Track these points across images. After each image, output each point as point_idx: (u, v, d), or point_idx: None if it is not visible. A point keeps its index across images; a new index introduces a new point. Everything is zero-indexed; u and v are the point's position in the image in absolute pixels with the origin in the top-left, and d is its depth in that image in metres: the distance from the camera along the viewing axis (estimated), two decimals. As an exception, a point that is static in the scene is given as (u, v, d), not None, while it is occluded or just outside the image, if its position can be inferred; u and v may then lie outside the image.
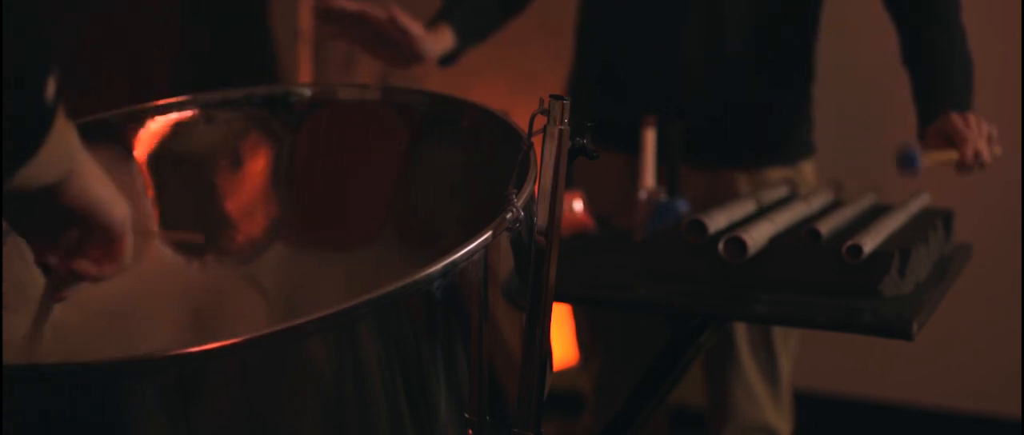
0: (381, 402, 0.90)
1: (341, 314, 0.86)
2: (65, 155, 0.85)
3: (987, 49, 1.85)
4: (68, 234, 0.94)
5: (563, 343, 2.37)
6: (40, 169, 0.83)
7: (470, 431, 0.95)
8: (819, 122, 1.96)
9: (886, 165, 1.67)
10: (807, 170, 1.95)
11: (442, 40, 1.76)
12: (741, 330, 1.90)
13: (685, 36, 1.84)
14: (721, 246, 1.41)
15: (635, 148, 1.76)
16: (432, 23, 1.78)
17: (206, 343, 0.82)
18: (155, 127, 1.23)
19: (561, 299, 1.41)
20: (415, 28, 1.68)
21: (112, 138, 1.21)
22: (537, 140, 0.97)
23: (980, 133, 1.63)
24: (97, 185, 0.90)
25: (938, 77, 1.72)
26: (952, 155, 1.63)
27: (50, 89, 0.79)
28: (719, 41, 1.84)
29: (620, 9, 1.91)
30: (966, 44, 1.75)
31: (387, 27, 1.67)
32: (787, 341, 1.95)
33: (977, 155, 1.62)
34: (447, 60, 1.80)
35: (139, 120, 1.22)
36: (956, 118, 1.63)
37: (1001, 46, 2.56)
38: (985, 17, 2.46)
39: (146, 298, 1.18)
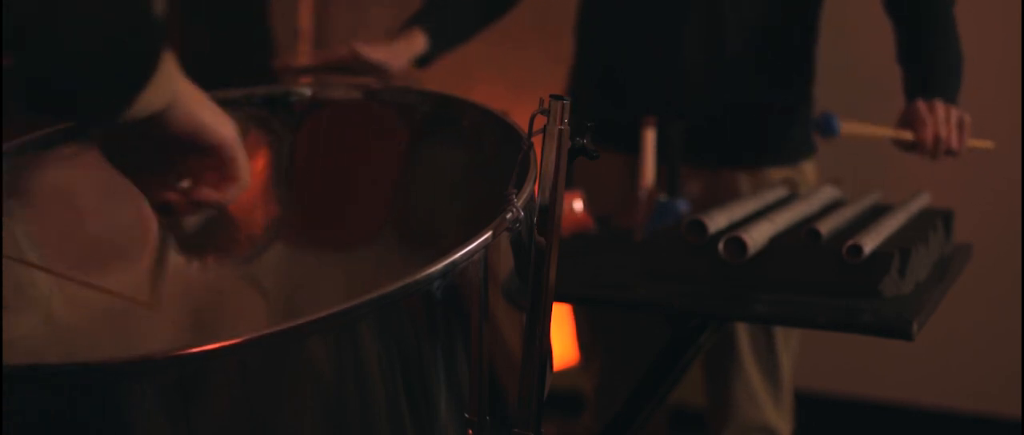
0: (381, 402, 0.90)
1: (341, 314, 0.86)
2: (169, 78, 0.83)
3: (987, 49, 1.85)
4: (184, 163, 0.92)
5: (563, 343, 2.37)
6: (152, 95, 0.81)
7: (470, 431, 0.95)
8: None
9: (887, 165, 1.68)
10: (808, 170, 1.95)
11: (414, 45, 1.77)
12: (742, 330, 1.90)
13: (685, 36, 1.84)
14: (721, 246, 1.41)
15: (635, 148, 1.76)
16: (406, 25, 1.79)
17: (206, 343, 0.82)
18: (155, 127, 1.22)
19: (561, 299, 1.41)
20: (378, 55, 1.69)
21: (112, 138, 1.21)
22: (537, 140, 0.97)
23: (947, 119, 1.64)
24: (201, 106, 0.89)
25: (926, 73, 1.73)
26: (888, 132, 1.65)
27: (158, 5, 0.77)
28: (719, 41, 1.84)
29: (620, 10, 1.91)
30: (958, 43, 1.76)
31: (353, 64, 1.69)
32: (788, 341, 1.95)
33: (937, 140, 1.63)
34: (422, 62, 1.80)
35: (139, 120, 1.22)
36: (920, 104, 1.65)
37: (1001, 46, 2.56)
38: (985, 17, 2.46)
39: (146, 298, 1.18)
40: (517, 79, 2.85)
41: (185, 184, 0.94)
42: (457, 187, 1.20)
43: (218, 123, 0.91)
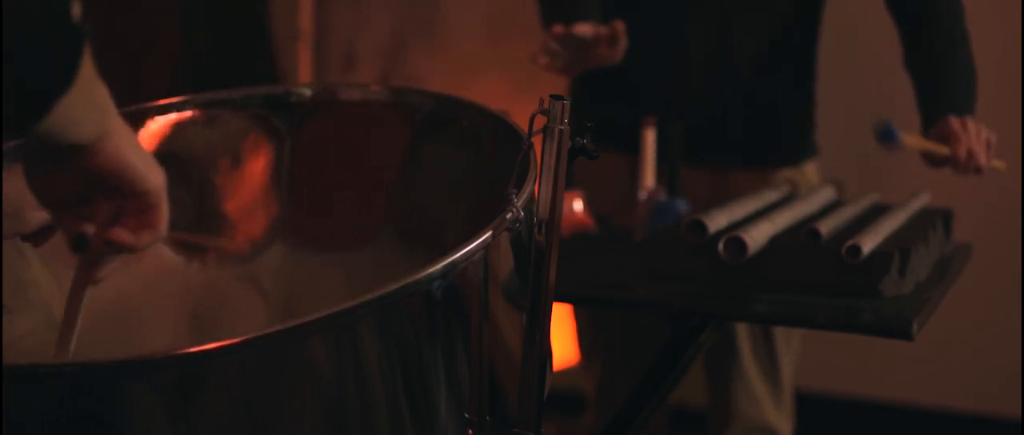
0: (381, 402, 0.90)
1: (341, 314, 0.86)
2: (99, 112, 0.81)
3: (987, 49, 1.85)
4: (102, 202, 0.89)
5: (563, 343, 2.37)
6: (74, 124, 0.79)
7: (470, 431, 0.95)
8: (820, 122, 1.96)
9: (887, 165, 1.68)
10: (811, 171, 1.95)
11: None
12: (743, 331, 1.90)
13: (689, 37, 1.84)
14: (721, 246, 1.41)
15: (635, 148, 1.76)
16: (571, 17, 1.72)
17: (206, 343, 0.82)
18: (155, 127, 1.23)
19: (561, 299, 1.41)
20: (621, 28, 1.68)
21: (112, 138, 1.21)
22: (537, 140, 0.97)
23: (978, 138, 1.65)
24: (131, 149, 0.86)
25: (938, 83, 1.74)
26: (936, 147, 1.65)
27: (76, 9, 0.74)
28: (722, 42, 1.84)
29: (624, 10, 1.91)
30: (968, 50, 1.76)
31: (602, 41, 1.67)
32: (789, 342, 1.94)
33: (970, 155, 1.64)
34: None
35: (139, 120, 1.22)
36: (954, 121, 1.66)
37: (1001, 46, 2.56)
38: (985, 17, 2.46)
39: (146, 298, 1.18)
40: (517, 79, 2.85)
41: (101, 220, 0.90)
42: (457, 187, 1.20)
43: (148, 170, 0.88)
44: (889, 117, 1.65)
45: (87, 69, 0.78)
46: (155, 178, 0.88)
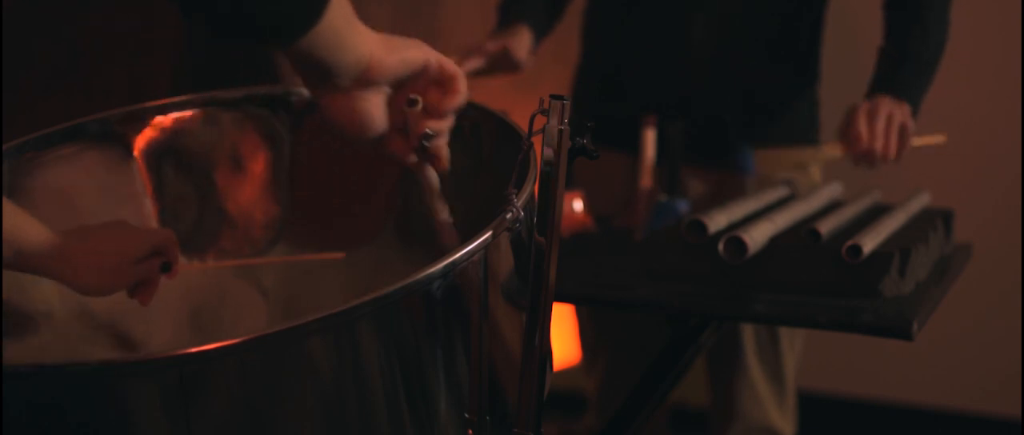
0: (381, 402, 0.90)
1: (341, 314, 0.86)
2: (360, 35, 0.94)
3: (987, 49, 1.85)
4: (408, 96, 1.00)
5: (563, 343, 2.37)
6: (351, 55, 0.93)
7: (470, 431, 0.95)
8: (821, 122, 1.96)
9: (887, 165, 1.68)
10: (813, 171, 1.94)
11: (523, 41, 1.87)
12: (747, 332, 1.90)
13: (690, 37, 1.84)
14: (721, 246, 1.41)
15: (635, 148, 1.76)
16: (505, 24, 1.87)
17: (206, 343, 0.82)
18: (155, 127, 1.23)
19: (561, 299, 1.41)
20: (520, 54, 1.85)
21: (112, 138, 1.21)
22: (537, 140, 0.97)
23: (887, 129, 1.65)
24: (390, 49, 0.97)
25: (896, 68, 1.73)
26: (827, 151, 1.70)
27: None
28: (724, 42, 1.84)
29: (626, 9, 1.91)
30: (942, 37, 1.75)
31: (500, 59, 1.84)
32: (792, 343, 1.94)
33: (871, 155, 1.66)
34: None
35: (139, 120, 1.22)
36: (860, 115, 1.67)
37: (1001, 46, 2.56)
38: (985, 17, 2.46)
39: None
40: (518, 79, 2.85)
41: (411, 101, 1.01)
42: (457, 187, 1.20)
43: (411, 52, 0.98)
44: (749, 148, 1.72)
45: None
46: (421, 51, 0.99)
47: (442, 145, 1.04)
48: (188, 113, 1.24)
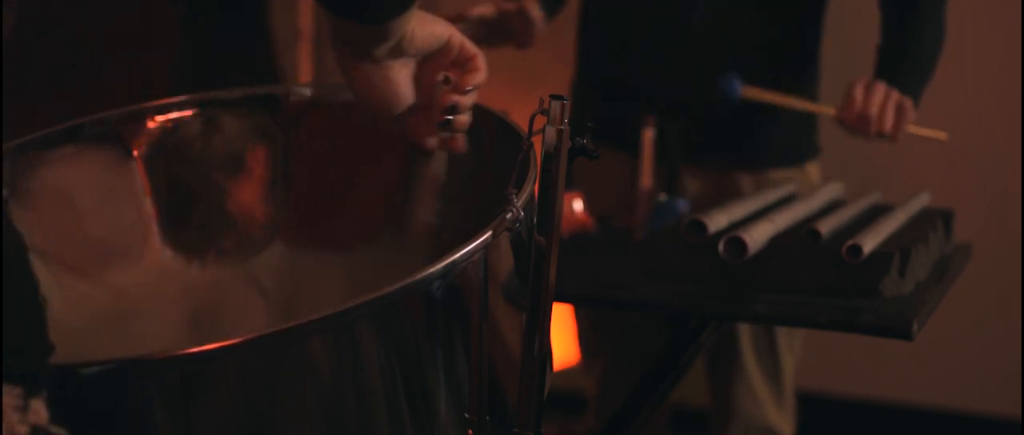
0: (381, 402, 0.90)
1: (341, 314, 0.86)
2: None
3: (987, 49, 1.85)
4: (432, 80, 1.03)
5: (563, 343, 2.37)
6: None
7: (470, 431, 0.95)
8: (821, 122, 1.96)
9: (887, 165, 1.68)
10: (813, 172, 1.94)
11: (535, 9, 1.87)
12: (745, 332, 1.90)
13: (691, 37, 1.84)
14: (721, 246, 1.41)
15: (636, 148, 1.76)
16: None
17: (206, 343, 0.82)
18: (155, 127, 1.23)
19: (561, 299, 1.41)
20: (535, 13, 1.81)
21: (112, 138, 1.21)
22: (537, 140, 0.97)
23: (884, 101, 1.64)
24: (422, 21, 1.00)
25: (897, 64, 1.73)
26: (796, 103, 1.67)
27: None
28: (725, 42, 1.84)
29: (624, 9, 1.91)
30: (940, 37, 1.75)
31: (514, 18, 1.77)
32: (791, 343, 1.94)
33: (863, 119, 1.63)
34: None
35: (139, 120, 1.22)
36: (858, 84, 1.65)
37: (1001, 46, 2.56)
38: (985, 17, 2.46)
39: (146, 298, 1.18)
40: (517, 79, 2.85)
41: (442, 78, 1.04)
42: (457, 187, 1.20)
43: (438, 27, 1.02)
44: (736, 74, 1.67)
45: None
46: (444, 28, 1.03)
47: (464, 121, 1.07)
48: (188, 113, 1.24)
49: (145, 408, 0.85)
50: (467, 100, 1.06)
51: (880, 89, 1.65)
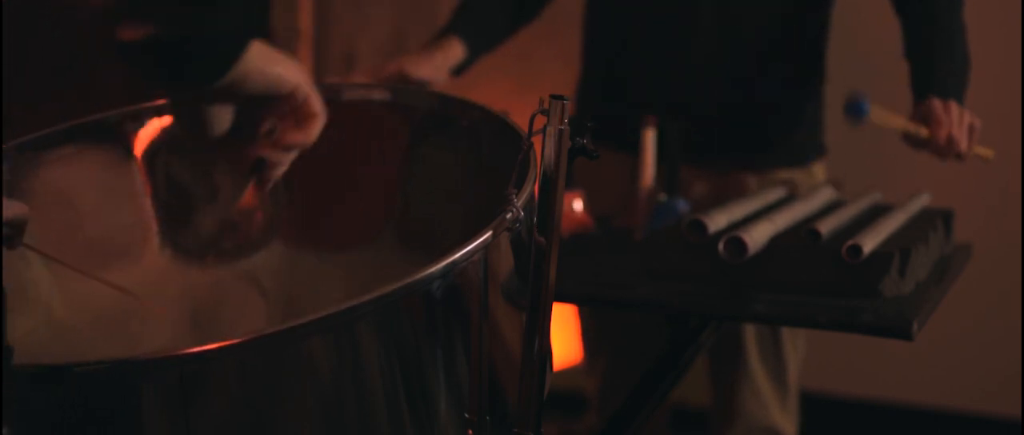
0: (381, 402, 0.90)
1: (341, 314, 0.86)
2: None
3: (987, 49, 1.85)
4: (263, 118, 1.03)
5: (563, 343, 2.37)
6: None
7: (470, 431, 0.95)
8: (828, 122, 1.96)
9: (887, 165, 1.68)
10: (818, 172, 1.94)
11: (452, 54, 1.80)
12: (749, 332, 1.90)
13: (695, 36, 1.84)
14: (721, 246, 1.41)
15: (636, 148, 1.75)
16: (442, 34, 1.81)
17: (206, 343, 0.83)
18: (155, 127, 1.23)
19: (561, 299, 1.41)
20: (422, 73, 1.76)
21: (112, 138, 1.21)
22: (537, 140, 0.97)
23: (960, 122, 1.63)
24: (270, 62, 1.00)
25: (930, 67, 1.72)
26: (909, 125, 1.63)
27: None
28: (729, 42, 1.84)
29: (629, 9, 1.91)
30: (965, 42, 1.75)
31: (400, 83, 1.76)
32: (795, 343, 1.94)
33: (950, 141, 1.62)
34: (458, 70, 1.83)
35: (139, 120, 1.22)
36: (936, 102, 1.64)
37: (1001, 46, 2.56)
38: (985, 17, 2.45)
39: (146, 298, 1.18)
40: (518, 79, 2.85)
41: (267, 129, 1.03)
42: (457, 187, 1.20)
43: (288, 71, 1.00)
44: (865, 92, 1.63)
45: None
46: (296, 74, 1.02)
47: (272, 176, 1.08)
48: (188, 113, 1.24)
49: (145, 408, 0.85)
50: (283, 158, 1.06)
51: (954, 108, 1.64)
